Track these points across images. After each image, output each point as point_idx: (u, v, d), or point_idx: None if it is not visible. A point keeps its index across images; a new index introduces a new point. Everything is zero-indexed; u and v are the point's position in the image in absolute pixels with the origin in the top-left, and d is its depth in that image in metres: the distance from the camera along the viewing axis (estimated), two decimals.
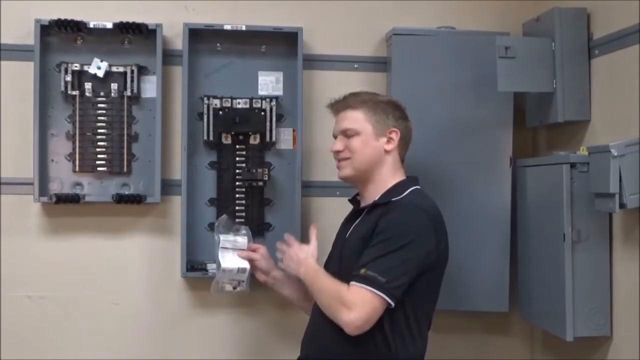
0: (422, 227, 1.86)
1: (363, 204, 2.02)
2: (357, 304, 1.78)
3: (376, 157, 1.99)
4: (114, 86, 2.42)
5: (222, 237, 2.14)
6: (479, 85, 2.44)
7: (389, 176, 2.00)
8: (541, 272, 2.33)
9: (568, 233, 2.17)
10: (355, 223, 2.00)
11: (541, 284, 2.33)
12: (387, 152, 2.00)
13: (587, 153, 2.17)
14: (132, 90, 2.41)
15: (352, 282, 1.81)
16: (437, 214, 1.94)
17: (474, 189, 2.43)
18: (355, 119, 2.00)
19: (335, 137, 2.05)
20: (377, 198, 1.97)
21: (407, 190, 1.98)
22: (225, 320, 2.50)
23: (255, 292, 2.34)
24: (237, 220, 2.41)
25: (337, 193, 2.49)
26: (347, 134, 2.00)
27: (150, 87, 2.44)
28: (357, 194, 2.10)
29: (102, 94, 2.41)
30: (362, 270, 1.80)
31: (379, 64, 2.53)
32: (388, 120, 2.00)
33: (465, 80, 2.45)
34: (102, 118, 2.41)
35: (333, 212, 2.36)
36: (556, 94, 2.32)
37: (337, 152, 2.01)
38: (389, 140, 2.00)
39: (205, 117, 2.42)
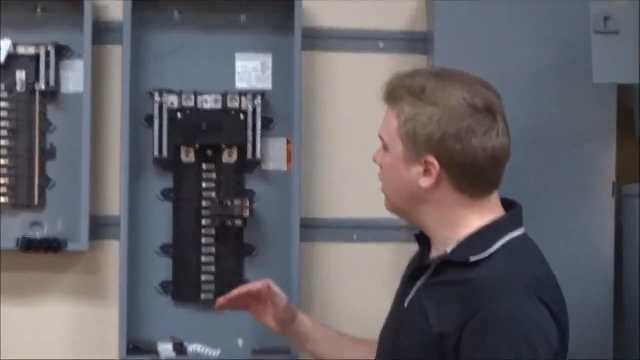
0: (542, 329, 1.62)
1: (433, 252, 1.79)
2: None
3: (410, 194, 1.72)
4: (20, 75, 2.27)
5: None
6: (565, 75, 2.29)
7: (460, 219, 1.72)
8: None
9: None
10: (419, 286, 1.75)
11: None
12: (426, 190, 1.71)
13: None
14: (47, 82, 2.26)
15: None
16: (555, 290, 1.70)
17: (558, 228, 2.28)
18: (389, 124, 1.73)
19: None
20: (448, 250, 1.71)
21: (497, 241, 1.69)
22: None
23: None
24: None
25: (354, 237, 2.33)
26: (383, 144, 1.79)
27: (74, 77, 2.30)
28: None
29: (2, 87, 2.27)
30: None
31: (415, 42, 2.38)
32: (422, 139, 1.69)
33: (544, 67, 2.30)
34: (1, 124, 2.26)
35: (348, 265, 2.24)
36: None
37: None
38: (426, 172, 1.71)
39: (156, 122, 2.28)
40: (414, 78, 1.74)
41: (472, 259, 1.68)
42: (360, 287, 2.30)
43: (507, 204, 1.79)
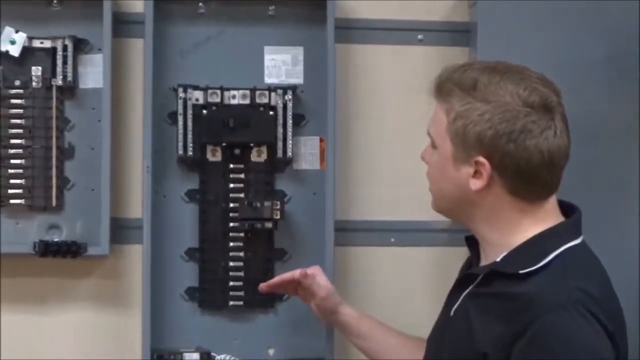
0: (593, 348, 1.56)
1: (483, 258, 1.75)
2: None
3: (459, 196, 1.70)
4: (35, 70, 2.23)
5: None
6: (615, 67, 2.25)
7: (513, 225, 1.67)
8: None
9: None
10: (466, 295, 1.71)
11: None
12: (477, 193, 1.67)
13: None
14: (64, 78, 2.22)
15: None
16: (612, 307, 1.63)
17: (608, 229, 2.18)
18: (438, 121, 1.69)
19: None
20: (498, 259, 1.65)
21: (551, 252, 1.63)
22: None
23: None
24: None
25: (392, 240, 2.29)
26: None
27: (93, 72, 2.27)
28: None
29: (17, 82, 2.24)
30: None
31: (457, 33, 2.34)
32: (472, 137, 1.64)
33: (591, 60, 2.26)
34: (17, 121, 2.23)
35: (385, 270, 2.23)
36: None
37: None
38: (476, 173, 1.67)
39: (180, 119, 2.25)
40: (465, 72, 1.68)
41: (522, 271, 1.62)
42: (398, 292, 2.29)
43: (566, 207, 1.72)
